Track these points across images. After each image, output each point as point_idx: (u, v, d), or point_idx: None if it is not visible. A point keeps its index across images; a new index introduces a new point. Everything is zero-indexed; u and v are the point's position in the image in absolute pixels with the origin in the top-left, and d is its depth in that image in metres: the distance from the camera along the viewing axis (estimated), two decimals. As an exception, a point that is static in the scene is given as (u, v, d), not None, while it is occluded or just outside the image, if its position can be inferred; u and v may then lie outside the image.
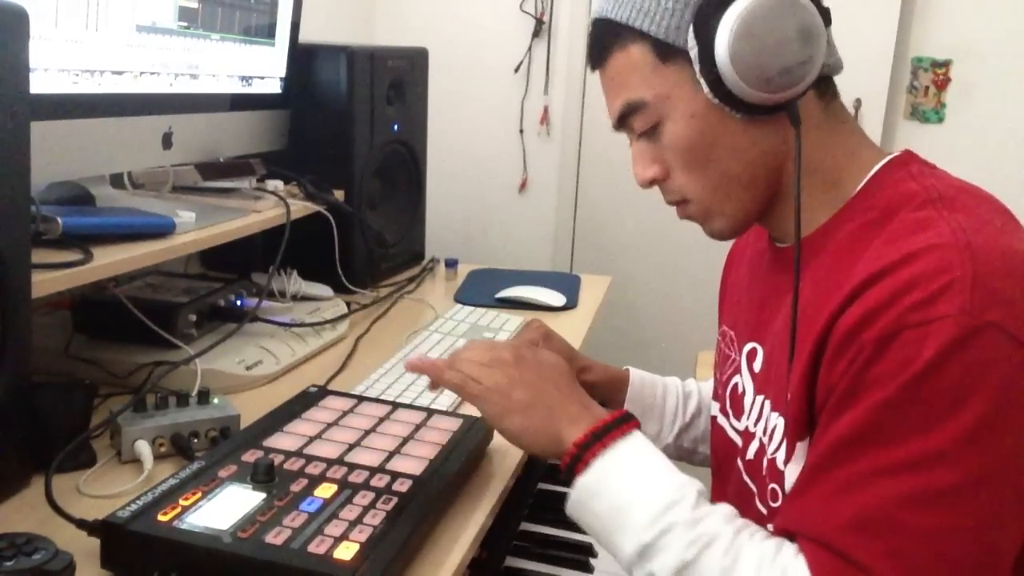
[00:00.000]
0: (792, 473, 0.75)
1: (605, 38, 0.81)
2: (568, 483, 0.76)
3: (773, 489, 0.79)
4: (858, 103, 2.25)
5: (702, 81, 0.75)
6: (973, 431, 0.61)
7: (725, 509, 0.72)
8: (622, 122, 0.83)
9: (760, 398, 0.84)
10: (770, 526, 0.76)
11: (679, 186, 0.82)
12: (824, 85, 0.79)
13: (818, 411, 0.71)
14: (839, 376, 0.67)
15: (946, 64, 2.26)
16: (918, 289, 0.64)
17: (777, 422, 0.78)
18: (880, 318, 0.64)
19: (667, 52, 0.77)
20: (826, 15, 0.75)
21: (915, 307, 0.63)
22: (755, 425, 0.84)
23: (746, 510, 0.81)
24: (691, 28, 0.74)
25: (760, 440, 0.82)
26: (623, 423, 0.77)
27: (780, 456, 0.77)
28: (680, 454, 1.15)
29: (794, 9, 0.72)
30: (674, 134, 0.79)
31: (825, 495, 0.66)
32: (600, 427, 0.76)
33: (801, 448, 0.74)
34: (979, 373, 0.62)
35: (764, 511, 0.81)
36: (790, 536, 0.69)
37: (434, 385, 0.88)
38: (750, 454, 0.84)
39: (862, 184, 0.78)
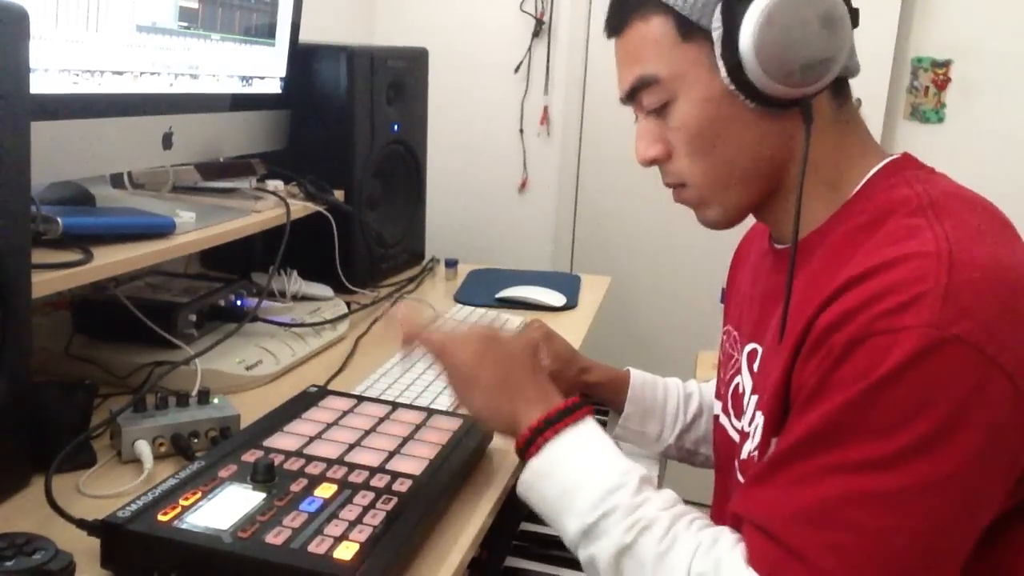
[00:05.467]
0: None
1: (627, 6, 0.79)
2: (522, 465, 0.79)
3: None
4: (858, 103, 2.23)
5: (721, 65, 0.73)
6: (924, 441, 0.62)
7: (666, 495, 0.73)
8: (631, 96, 0.81)
9: (756, 398, 0.84)
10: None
11: (679, 169, 0.81)
12: (839, 86, 0.78)
13: (790, 408, 0.71)
14: (809, 374, 0.68)
15: (946, 64, 2.26)
16: (891, 297, 0.64)
17: (759, 420, 0.78)
18: (852, 321, 0.65)
19: (689, 30, 0.75)
20: (855, 15, 0.73)
21: (885, 314, 0.63)
22: (749, 425, 0.84)
23: None
24: (718, 8, 0.72)
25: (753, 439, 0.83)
26: (577, 410, 0.79)
27: (757, 454, 0.77)
28: (681, 455, 1.15)
29: (826, 3, 0.71)
30: (684, 115, 0.77)
31: (778, 487, 0.67)
32: (554, 413, 0.79)
33: (774, 444, 0.74)
34: (938, 385, 0.62)
35: None
36: (740, 521, 0.69)
37: (408, 343, 0.89)
38: (744, 454, 0.84)
39: (858, 187, 0.77)
